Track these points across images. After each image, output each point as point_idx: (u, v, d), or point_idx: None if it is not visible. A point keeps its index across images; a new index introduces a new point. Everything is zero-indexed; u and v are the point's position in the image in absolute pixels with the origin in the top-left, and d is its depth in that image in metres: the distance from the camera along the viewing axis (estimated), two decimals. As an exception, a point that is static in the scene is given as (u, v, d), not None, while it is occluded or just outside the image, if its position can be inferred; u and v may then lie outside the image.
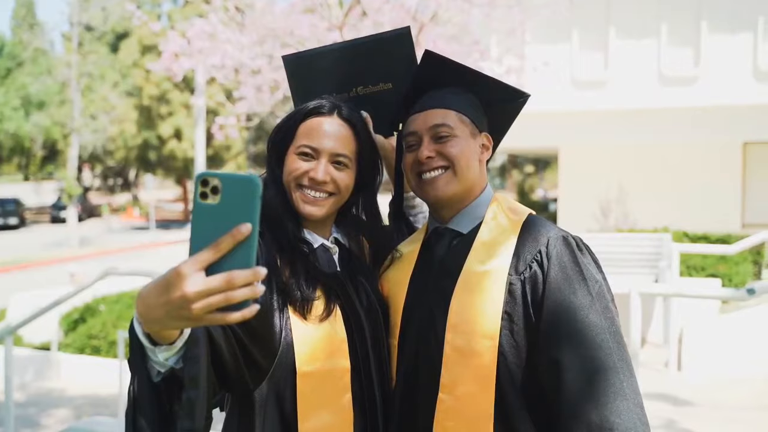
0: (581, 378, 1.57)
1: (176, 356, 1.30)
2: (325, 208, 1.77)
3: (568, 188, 15.86)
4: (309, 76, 1.97)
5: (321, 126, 1.77)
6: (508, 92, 1.89)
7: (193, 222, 1.08)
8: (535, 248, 1.71)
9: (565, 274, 1.66)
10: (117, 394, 6.99)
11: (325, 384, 1.68)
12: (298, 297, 1.68)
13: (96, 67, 37.49)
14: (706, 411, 5.96)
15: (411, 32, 1.98)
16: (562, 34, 13.88)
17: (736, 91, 13.40)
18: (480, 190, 1.85)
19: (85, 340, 10.16)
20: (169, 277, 1.09)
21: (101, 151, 40.64)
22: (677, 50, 13.84)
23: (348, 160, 1.79)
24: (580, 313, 1.62)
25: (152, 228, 35.19)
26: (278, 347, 1.65)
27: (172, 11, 39.17)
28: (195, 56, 8.59)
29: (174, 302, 1.08)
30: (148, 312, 1.15)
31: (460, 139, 1.79)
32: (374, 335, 1.77)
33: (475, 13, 8.50)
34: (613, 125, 14.37)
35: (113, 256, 24.98)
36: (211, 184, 1.07)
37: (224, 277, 1.05)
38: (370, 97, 1.96)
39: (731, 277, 9.75)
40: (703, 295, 3.92)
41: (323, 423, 1.67)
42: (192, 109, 34.23)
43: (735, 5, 13.43)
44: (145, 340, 1.25)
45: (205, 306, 1.06)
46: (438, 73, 1.85)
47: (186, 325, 1.14)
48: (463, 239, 1.81)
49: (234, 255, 1.06)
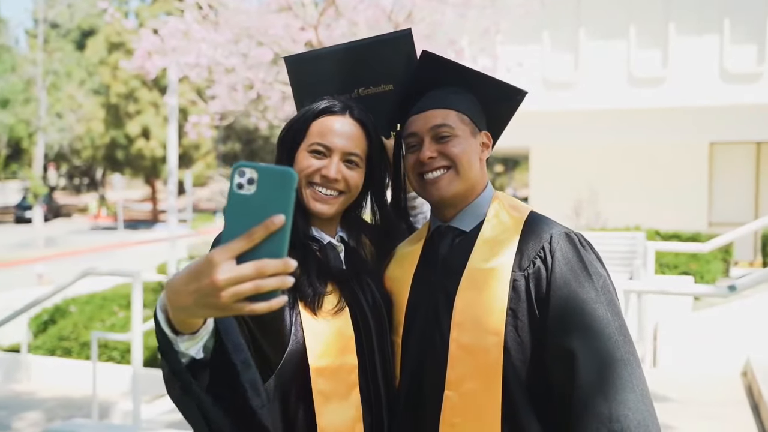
0: (593, 369, 1.59)
1: (197, 347, 1.31)
2: (335, 206, 1.79)
3: (540, 188, 15.98)
4: (311, 77, 1.98)
5: (334, 125, 1.79)
6: (506, 90, 1.91)
7: (228, 212, 1.09)
8: (539, 245, 1.72)
9: (570, 269, 1.68)
10: (90, 396, 6.88)
11: (336, 380, 1.70)
12: (309, 293, 1.70)
13: (62, 64, 37.01)
14: (681, 407, 6.05)
15: (412, 34, 1.99)
16: (534, 35, 14.00)
17: (703, 92, 13.61)
18: (481, 189, 1.86)
19: (55, 341, 10.01)
20: (200, 264, 1.10)
21: (68, 150, 40.11)
22: (646, 52, 14.02)
23: (359, 160, 1.81)
24: (587, 307, 1.64)
25: (120, 228, 34.77)
26: (288, 342, 1.66)
27: (140, 9, 38.73)
28: (168, 54, 8.50)
29: (203, 289, 1.09)
30: (176, 299, 1.16)
31: (461, 139, 1.81)
32: (379, 333, 1.79)
33: (450, 13, 8.53)
34: (583, 125, 14.52)
35: (81, 256, 24.64)
36: (248, 175, 1.09)
37: (255, 265, 1.06)
38: (371, 98, 1.97)
39: (703, 275, 9.94)
40: (686, 292, 3.98)
41: (335, 418, 1.68)
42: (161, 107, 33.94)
43: (702, 7, 13.64)
44: (168, 330, 1.26)
45: (234, 294, 1.07)
46: (436, 74, 1.87)
47: (213, 313, 1.14)
48: (465, 237, 1.83)
49: (266, 245, 1.07)
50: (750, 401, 6.14)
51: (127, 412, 7.42)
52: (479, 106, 1.88)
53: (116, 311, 10.41)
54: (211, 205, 46.49)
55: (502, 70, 10.08)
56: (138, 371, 5.09)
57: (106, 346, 9.49)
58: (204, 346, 1.32)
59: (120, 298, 10.86)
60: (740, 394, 6.38)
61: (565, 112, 14.26)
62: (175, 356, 1.31)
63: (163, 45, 8.43)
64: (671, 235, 11.64)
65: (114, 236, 32.48)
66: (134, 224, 38.22)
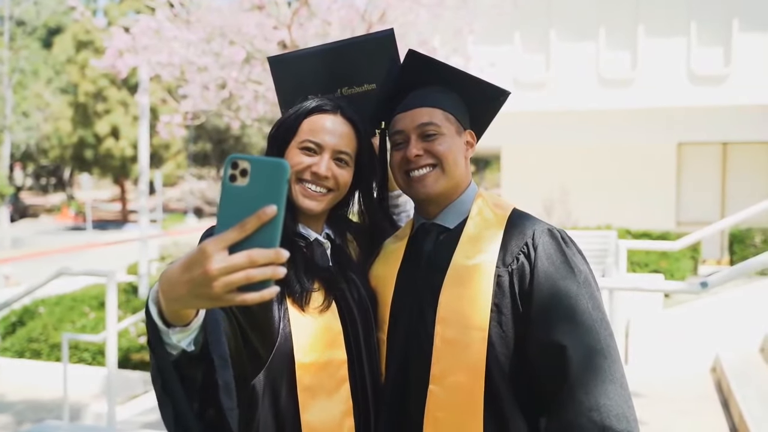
0: (579, 360, 1.62)
1: (189, 339, 1.31)
2: (323, 203, 1.81)
3: (511, 187, 16.09)
4: (295, 77, 1.99)
5: (325, 123, 1.81)
6: (490, 91, 1.94)
7: (221, 203, 1.11)
8: (522, 241, 1.76)
9: (552, 263, 1.71)
10: (61, 398, 6.81)
11: (324, 375, 1.71)
12: (297, 289, 1.72)
13: (28, 62, 36.45)
14: (652, 402, 6.14)
15: (395, 35, 2.01)
16: (505, 35, 14.10)
17: (671, 93, 13.82)
18: (465, 186, 1.90)
19: (24, 343, 9.88)
20: (193, 255, 1.11)
21: (35, 150, 39.50)
22: (615, 53, 14.19)
23: (349, 158, 1.83)
24: (570, 300, 1.67)
25: (89, 228, 34.33)
26: (276, 337, 1.68)
27: (108, 7, 38.27)
28: (140, 53, 8.41)
29: (196, 279, 1.10)
30: (171, 289, 1.17)
31: (447, 137, 1.84)
32: (365, 329, 1.81)
33: (423, 14, 8.56)
34: (554, 125, 14.65)
35: (48, 257, 24.30)
36: (241, 167, 1.10)
37: (247, 254, 1.07)
38: (354, 98, 1.99)
39: (672, 273, 10.11)
40: (658, 289, 4.04)
41: (325, 414, 1.70)
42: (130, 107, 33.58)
43: (670, 10, 13.84)
44: (159, 322, 1.26)
45: (226, 284, 1.08)
46: (422, 72, 1.89)
47: (207, 304, 1.15)
48: (449, 234, 1.86)
49: (258, 236, 1.08)
50: (719, 397, 6.26)
51: (98, 414, 7.36)
52: (464, 105, 1.92)
53: (87, 312, 10.29)
54: (181, 205, 46.09)
55: (475, 70, 10.14)
56: (112, 372, 5.03)
57: (76, 347, 9.39)
58: (195, 339, 1.33)
59: (90, 299, 10.74)
60: (710, 390, 6.49)
61: (536, 113, 14.38)
62: (164, 351, 1.31)
63: (135, 43, 8.34)
64: (641, 233, 11.80)
65: (82, 237, 32.07)
66: (103, 224, 37.78)
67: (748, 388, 5.74)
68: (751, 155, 15.52)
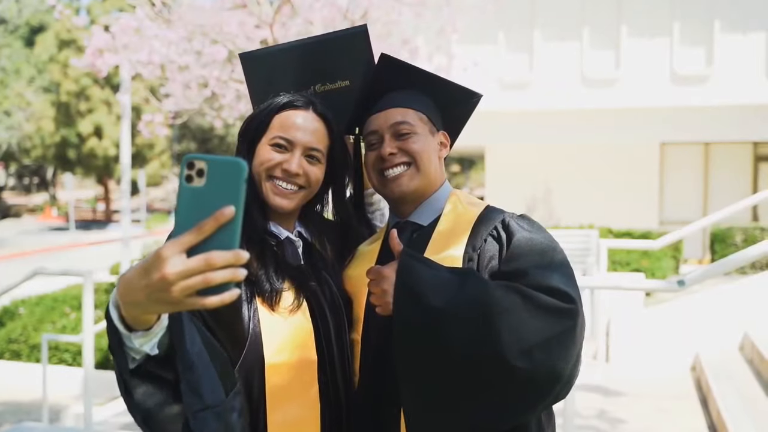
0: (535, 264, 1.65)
1: (152, 342, 1.28)
2: (294, 200, 1.79)
3: (495, 187, 16.14)
4: (267, 74, 1.97)
5: (296, 119, 1.79)
6: (462, 93, 1.96)
7: (178, 205, 1.07)
8: (491, 226, 1.78)
9: (525, 230, 1.74)
10: (40, 399, 6.74)
11: (293, 375, 1.69)
12: (267, 288, 1.69)
13: (10, 61, 36.15)
14: (634, 400, 6.16)
15: (368, 31, 2.00)
16: (489, 35, 14.13)
17: (654, 93, 13.91)
18: (439, 185, 1.91)
19: (3, 344, 9.78)
20: (150, 259, 1.08)
21: (17, 149, 39.16)
22: (599, 53, 14.26)
23: (320, 155, 1.81)
24: (541, 245, 1.70)
25: (72, 228, 34.08)
26: (246, 338, 1.65)
27: (91, 5, 38.00)
28: (120, 52, 8.35)
29: (154, 284, 1.07)
30: (129, 295, 1.14)
31: (421, 136, 1.85)
32: (337, 328, 1.79)
33: (406, 12, 8.56)
34: (538, 125, 14.71)
35: (31, 257, 24.10)
36: (197, 167, 1.06)
37: (204, 257, 1.04)
38: (328, 94, 1.98)
39: (654, 272, 10.15)
40: (636, 287, 4.04)
41: (292, 415, 1.68)
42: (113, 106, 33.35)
43: (652, 11, 13.92)
44: (120, 326, 1.23)
45: (184, 288, 1.05)
46: (394, 76, 1.91)
47: (166, 309, 1.13)
48: (423, 231, 1.86)
49: (217, 238, 1.05)
50: (699, 395, 6.28)
51: (78, 414, 7.29)
52: (436, 107, 1.93)
53: (68, 312, 10.20)
54: (165, 205, 45.88)
55: (458, 70, 10.15)
56: (90, 373, 4.98)
57: (57, 348, 9.31)
58: (159, 342, 1.30)
59: (71, 300, 10.64)
60: (690, 389, 6.52)
61: (519, 112, 14.43)
62: (123, 356, 1.29)
63: (115, 42, 8.28)
64: (623, 233, 11.86)
65: (65, 237, 31.84)
66: (86, 224, 37.52)
67: (726, 386, 5.77)
68: (733, 155, 15.64)
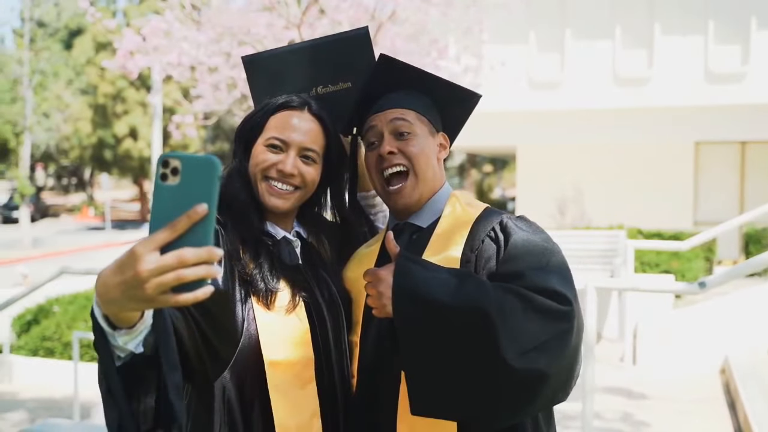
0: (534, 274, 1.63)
1: (136, 341, 1.29)
2: (290, 201, 1.79)
3: (526, 187, 16.03)
4: (269, 76, 1.98)
5: (291, 120, 1.80)
6: (462, 93, 1.95)
7: (153, 203, 1.09)
8: (489, 227, 1.77)
9: (523, 231, 1.73)
10: (72, 396, 6.86)
11: (292, 373, 1.69)
12: (262, 288, 1.70)
13: (49, 64, 36.72)
14: (661, 404, 6.09)
15: (369, 32, 2.01)
16: (519, 35, 14.04)
17: (688, 92, 13.69)
18: (438, 187, 1.91)
19: (38, 341, 9.95)
20: (124, 257, 1.09)
21: (55, 150, 39.87)
22: (631, 51, 14.09)
23: (316, 155, 1.81)
24: (539, 246, 1.69)
25: (108, 228, 34.59)
26: (240, 337, 1.66)
27: (128, 8, 38.55)
28: (151, 54, 8.47)
29: (128, 282, 1.08)
30: (105, 292, 1.14)
31: (420, 138, 1.85)
32: (335, 328, 1.79)
33: (433, 12, 8.55)
34: (569, 125, 14.57)
35: (67, 256, 24.53)
36: (172, 165, 1.08)
37: (176, 254, 1.05)
38: (330, 96, 1.98)
39: (684, 273, 9.96)
40: (656, 289, 4.00)
41: (295, 412, 1.68)
42: (148, 107, 33.77)
43: (686, 8, 13.72)
44: (104, 324, 1.24)
45: (158, 285, 1.05)
46: (393, 76, 1.90)
47: (142, 306, 1.14)
48: (422, 233, 1.86)
49: (190, 235, 1.06)
50: (727, 398, 6.19)
51: (108, 412, 7.40)
52: (436, 108, 1.93)
53: (100, 311, 10.36)
54: (199, 205, 46.23)
55: (487, 69, 10.11)
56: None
57: (88, 345, 9.46)
58: (144, 341, 1.30)
59: (104, 298, 10.81)
60: (718, 391, 6.42)
61: (551, 112, 14.31)
62: (107, 354, 1.29)
63: (145, 44, 8.40)
64: (653, 233, 11.69)
65: (101, 236, 32.32)
66: (122, 224, 38.05)
67: (754, 390, 5.68)
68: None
